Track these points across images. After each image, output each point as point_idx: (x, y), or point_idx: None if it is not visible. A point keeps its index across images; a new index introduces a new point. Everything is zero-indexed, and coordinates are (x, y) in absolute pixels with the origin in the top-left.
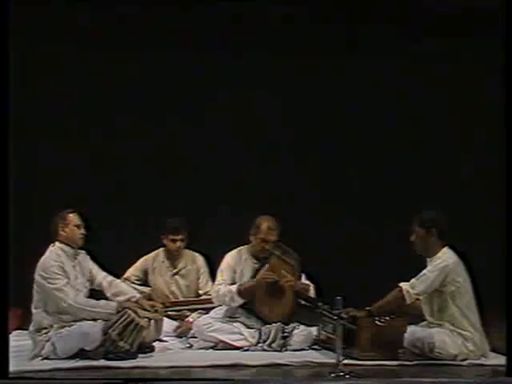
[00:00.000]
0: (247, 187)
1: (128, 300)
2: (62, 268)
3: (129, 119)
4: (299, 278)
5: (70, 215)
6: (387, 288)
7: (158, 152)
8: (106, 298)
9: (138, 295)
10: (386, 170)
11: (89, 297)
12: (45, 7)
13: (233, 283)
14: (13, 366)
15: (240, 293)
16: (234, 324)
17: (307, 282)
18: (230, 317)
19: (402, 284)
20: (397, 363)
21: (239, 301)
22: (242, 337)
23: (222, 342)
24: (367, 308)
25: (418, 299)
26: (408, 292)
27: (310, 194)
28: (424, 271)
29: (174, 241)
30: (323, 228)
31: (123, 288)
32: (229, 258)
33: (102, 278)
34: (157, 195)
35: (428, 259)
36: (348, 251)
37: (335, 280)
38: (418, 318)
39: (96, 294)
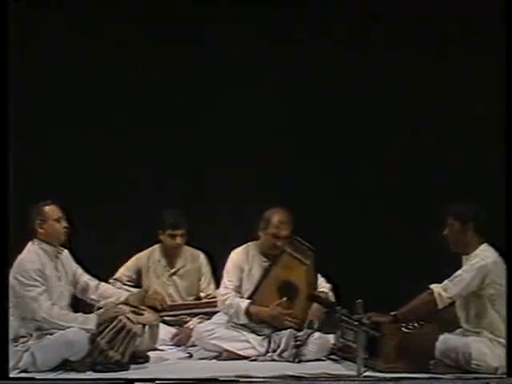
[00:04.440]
0: (256, 178)
1: (117, 304)
2: (42, 272)
3: (128, 116)
4: (315, 278)
5: (46, 208)
6: (415, 290)
7: (156, 143)
8: (89, 306)
9: (125, 294)
10: (408, 163)
11: (72, 303)
12: (45, 7)
13: (239, 285)
14: None
15: (248, 313)
16: (240, 331)
17: (325, 285)
18: (236, 322)
19: (432, 286)
20: (427, 376)
21: (244, 320)
22: (249, 345)
23: (226, 351)
24: (392, 313)
25: (451, 303)
26: (440, 295)
27: (325, 186)
28: (459, 271)
29: (173, 237)
30: (341, 223)
31: (112, 291)
32: (235, 256)
33: (88, 280)
34: (152, 186)
35: (464, 257)
36: (370, 248)
37: (355, 281)
38: (451, 325)
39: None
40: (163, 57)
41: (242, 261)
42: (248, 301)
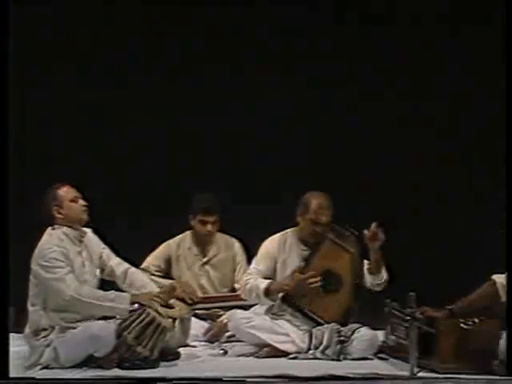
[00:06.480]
0: (293, 159)
1: (145, 294)
2: (66, 255)
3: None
4: (361, 266)
5: (60, 191)
6: (474, 281)
7: (193, 126)
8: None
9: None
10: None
11: (100, 288)
12: (45, 7)
13: (268, 277)
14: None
15: (267, 293)
16: (279, 323)
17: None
18: (275, 314)
19: (495, 276)
20: (489, 378)
21: (266, 302)
22: (288, 338)
23: (265, 345)
24: (449, 307)
25: None
26: (504, 286)
27: (378, 176)
28: None
29: (204, 223)
30: (392, 213)
31: (142, 279)
32: (269, 244)
33: (116, 264)
34: (181, 168)
35: None
36: (422, 236)
37: (407, 272)
38: None
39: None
40: (163, 56)
41: (277, 250)
42: (268, 281)
